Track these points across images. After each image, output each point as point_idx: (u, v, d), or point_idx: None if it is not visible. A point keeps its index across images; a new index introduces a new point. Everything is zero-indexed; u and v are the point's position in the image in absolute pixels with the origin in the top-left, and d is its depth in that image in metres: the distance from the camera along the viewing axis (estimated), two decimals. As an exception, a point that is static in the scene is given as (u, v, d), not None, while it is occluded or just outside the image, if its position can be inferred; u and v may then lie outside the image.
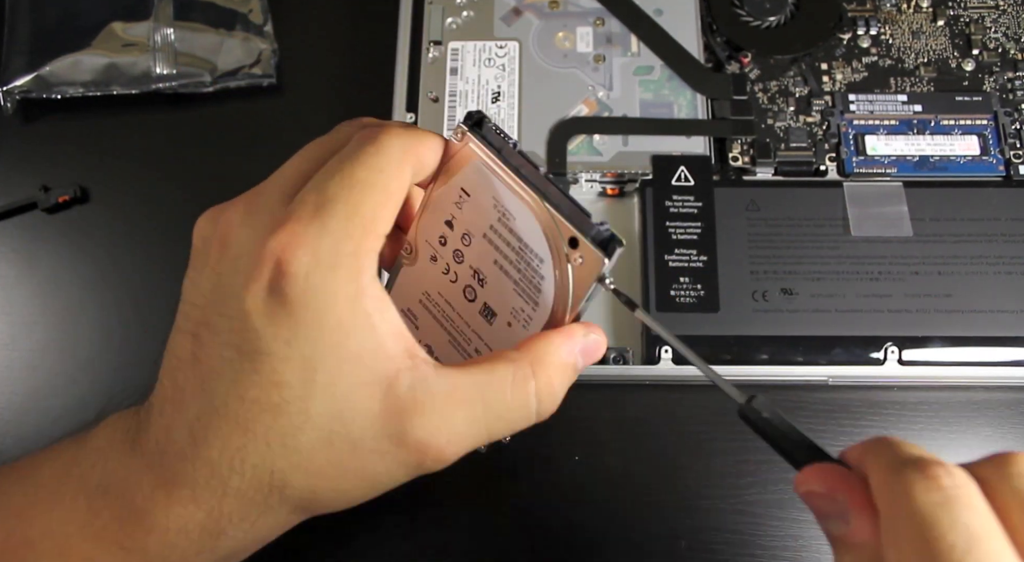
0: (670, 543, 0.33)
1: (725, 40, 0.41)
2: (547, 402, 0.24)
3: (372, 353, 0.22)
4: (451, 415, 0.23)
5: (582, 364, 0.25)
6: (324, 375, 0.22)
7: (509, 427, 0.24)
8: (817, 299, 0.35)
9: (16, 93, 0.41)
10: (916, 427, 0.35)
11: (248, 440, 0.22)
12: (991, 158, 0.38)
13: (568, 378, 0.25)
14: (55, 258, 0.39)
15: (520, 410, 0.24)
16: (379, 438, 0.23)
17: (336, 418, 0.22)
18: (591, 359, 0.25)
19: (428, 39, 0.41)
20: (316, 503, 0.24)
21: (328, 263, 0.22)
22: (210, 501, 0.23)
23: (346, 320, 0.22)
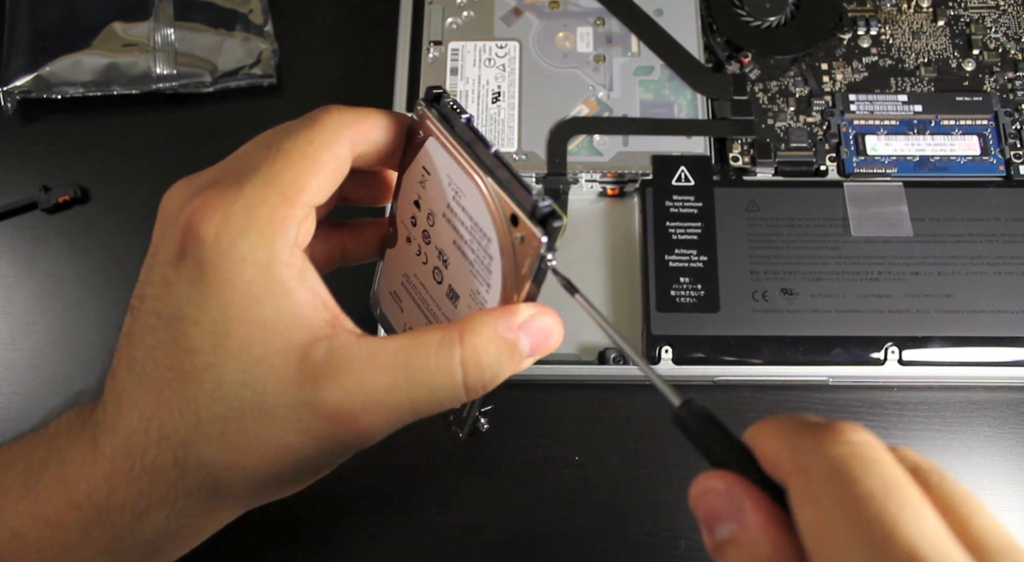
0: (670, 543, 0.33)
1: (725, 40, 0.41)
2: (474, 374, 0.23)
3: (287, 320, 0.22)
4: (368, 380, 0.22)
5: (527, 347, 0.23)
6: (235, 342, 0.22)
7: (434, 397, 0.22)
8: (817, 299, 0.35)
9: (16, 93, 0.41)
10: (916, 427, 0.35)
11: (161, 409, 0.22)
12: (991, 158, 0.38)
13: (503, 354, 0.23)
14: (55, 258, 0.39)
15: (444, 378, 0.22)
16: (292, 406, 0.22)
17: (248, 386, 0.22)
18: (539, 343, 0.23)
19: (428, 39, 0.40)
20: (234, 484, 0.23)
21: (238, 226, 0.22)
22: (128, 476, 0.22)
23: (257, 285, 0.22)
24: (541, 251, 0.22)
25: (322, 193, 0.24)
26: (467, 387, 0.23)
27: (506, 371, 0.23)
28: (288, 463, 0.23)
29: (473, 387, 0.23)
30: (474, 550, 0.33)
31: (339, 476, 0.34)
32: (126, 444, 0.22)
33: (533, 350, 0.23)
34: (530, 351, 0.23)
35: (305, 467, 0.23)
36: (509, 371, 0.23)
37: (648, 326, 0.35)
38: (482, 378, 0.23)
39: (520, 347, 0.23)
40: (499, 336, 0.23)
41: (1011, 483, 0.34)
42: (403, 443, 0.35)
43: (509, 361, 0.23)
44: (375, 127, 0.25)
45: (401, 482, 0.34)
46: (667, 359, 0.34)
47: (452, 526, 0.34)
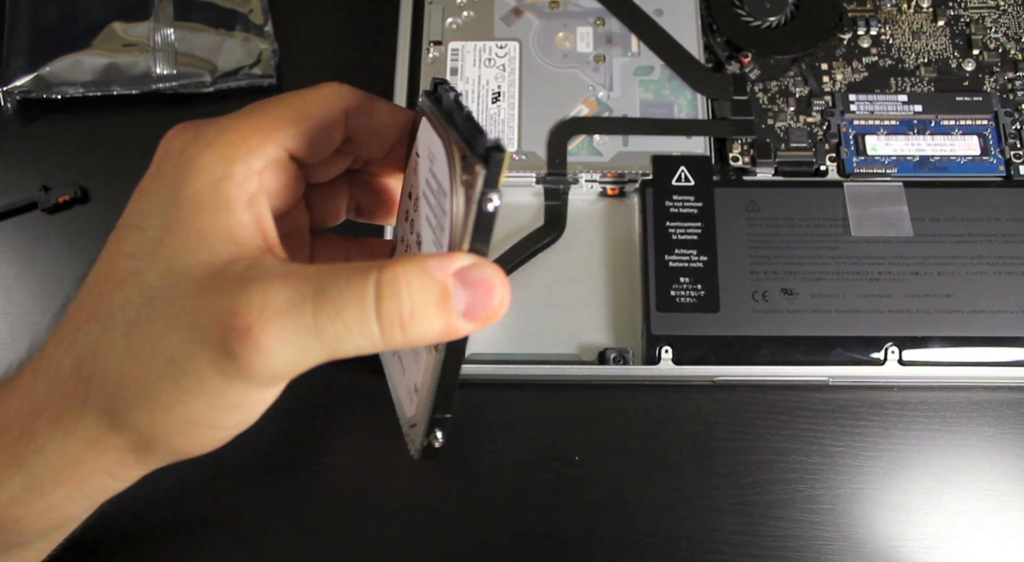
0: (670, 543, 0.33)
1: (725, 40, 0.41)
2: (389, 300, 0.20)
3: (220, 234, 0.21)
4: (274, 291, 0.20)
5: (463, 301, 0.21)
6: (167, 249, 0.21)
7: (340, 317, 0.20)
8: (817, 299, 0.35)
9: (16, 93, 0.41)
10: (916, 427, 0.35)
11: (82, 316, 0.22)
12: (991, 158, 0.38)
13: (429, 294, 0.20)
14: (55, 258, 0.39)
15: (353, 298, 0.20)
16: (192, 312, 0.21)
17: (163, 292, 0.21)
18: (479, 299, 0.21)
19: (428, 39, 0.40)
20: (130, 405, 0.21)
21: (205, 142, 0.22)
22: (33, 389, 0.22)
23: (203, 195, 0.22)
24: (478, 187, 0.20)
25: (303, 142, 0.24)
26: (379, 314, 0.20)
27: (433, 321, 0.21)
28: (185, 383, 0.21)
29: (387, 317, 0.20)
30: (474, 550, 0.33)
31: (336, 474, 0.34)
32: (39, 355, 0.22)
33: (471, 308, 0.21)
34: (467, 307, 0.21)
35: (203, 391, 0.21)
36: (438, 324, 0.21)
37: (648, 326, 0.35)
38: (399, 309, 0.20)
39: (452, 296, 0.21)
40: (426, 271, 0.20)
41: (1011, 483, 0.34)
42: (401, 444, 0.35)
43: (436, 306, 0.21)
44: (377, 109, 0.25)
45: (401, 482, 0.34)
46: (667, 359, 0.34)
47: (452, 526, 0.34)
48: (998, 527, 0.33)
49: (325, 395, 0.36)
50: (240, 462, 0.34)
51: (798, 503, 0.34)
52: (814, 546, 0.33)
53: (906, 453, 0.35)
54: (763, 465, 0.34)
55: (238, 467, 0.34)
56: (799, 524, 0.33)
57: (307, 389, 0.36)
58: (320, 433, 0.35)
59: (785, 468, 0.34)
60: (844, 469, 0.34)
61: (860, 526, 0.33)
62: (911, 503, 0.34)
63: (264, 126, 0.23)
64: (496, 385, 0.36)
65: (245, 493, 0.34)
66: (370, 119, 0.26)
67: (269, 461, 0.35)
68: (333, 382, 0.36)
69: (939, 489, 0.34)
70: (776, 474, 0.34)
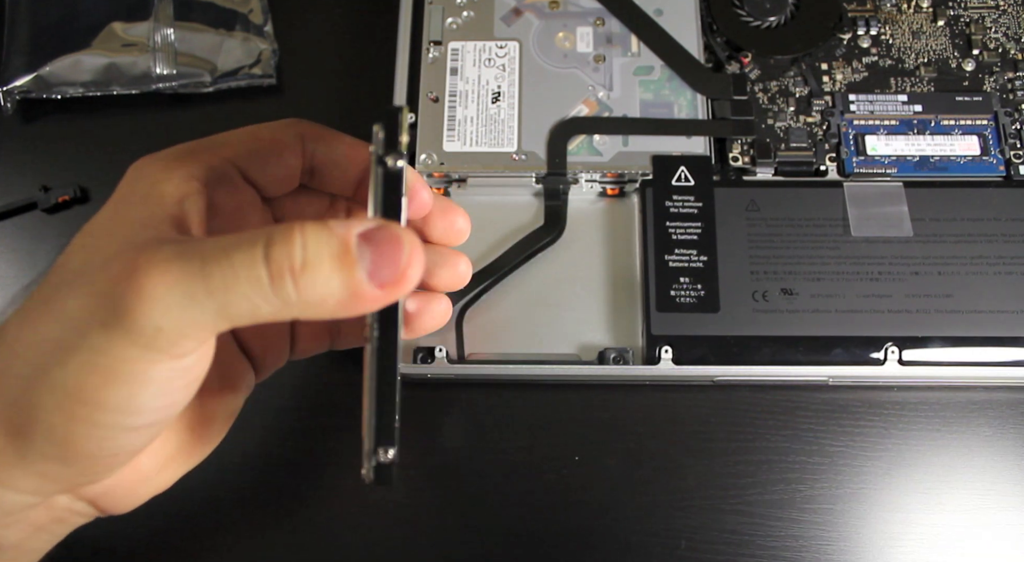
0: (670, 543, 0.33)
1: (725, 40, 0.41)
2: (280, 247, 0.19)
3: (144, 220, 0.23)
4: (169, 245, 0.20)
5: (368, 261, 0.20)
6: (95, 237, 0.23)
7: (228, 262, 0.19)
8: (817, 299, 0.35)
9: (16, 93, 0.41)
10: (916, 427, 0.35)
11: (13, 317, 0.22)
12: (991, 158, 0.38)
13: (327, 247, 0.20)
14: (55, 258, 0.39)
15: (246, 244, 0.19)
16: (95, 280, 0.20)
17: (81, 272, 0.21)
18: (382, 252, 0.20)
19: (428, 39, 0.40)
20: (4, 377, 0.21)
21: (161, 157, 0.24)
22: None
23: (139, 193, 0.24)
24: (379, 147, 0.20)
25: (252, 160, 0.26)
26: (267, 258, 0.19)
27: (330, 276, 0.20)
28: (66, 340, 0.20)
29: (276, 262, 0.19)
30: (474, 550, 0.33)
31: (335, 474, 0.34)
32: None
33: (375, 267, 0.20)
34: (371, 266, 0.20)
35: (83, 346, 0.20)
36: (336, 280, 0.20)
37: (648, 326, 0.35)
38: (289, 255, 0.19)
39: (354, 252, 0.20)
40: (325, 225, 0.20)
41: (1011, 483, 0.34)
42: (402, 445, 0.35)
43: (333, 259, 0.20)
44: (337, 141, 0.27)
45: (399, 482, 0.34)
46: (667, 359, 0.34)
47: (452, 526, 0.34)
48: (998, 527, 0.33)
49: (324, 395, 0.36)
50: (237, 462, 0.34)
51: (798, 503, 0.34)
52: (814, 546, 0.33)
53: (906, 453, 0.35)
54: (763, 465, 0.34)
55: (237, 466, 0.34)
56: (799, 524, 0.33)
57: (307, 389, 0.36)
58: (319, 433, 0.35)
59: (785, 468, 0.34)
60: (844, 469, 0.34)
61: (860, 526, 0.33)
62: (911, 503, 0.34)
63: (213, 145, 0.25)
64: (496, 385, 0.36)
65: (243, 493, 0.34)
66: (330, 150, 0.27)
67: (267, 461, 0.35)
68: (332, 382, 0.36)
69: (939, 489, 0.34)
70: (776, 474, 0.34)
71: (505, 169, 0.38)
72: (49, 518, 0.24)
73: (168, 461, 0.26)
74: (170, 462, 0.26)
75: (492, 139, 0.38)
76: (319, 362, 0.29)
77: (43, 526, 0.24)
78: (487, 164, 0.38)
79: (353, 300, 0.20)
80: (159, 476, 0.26)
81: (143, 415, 0.21)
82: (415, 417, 0.35)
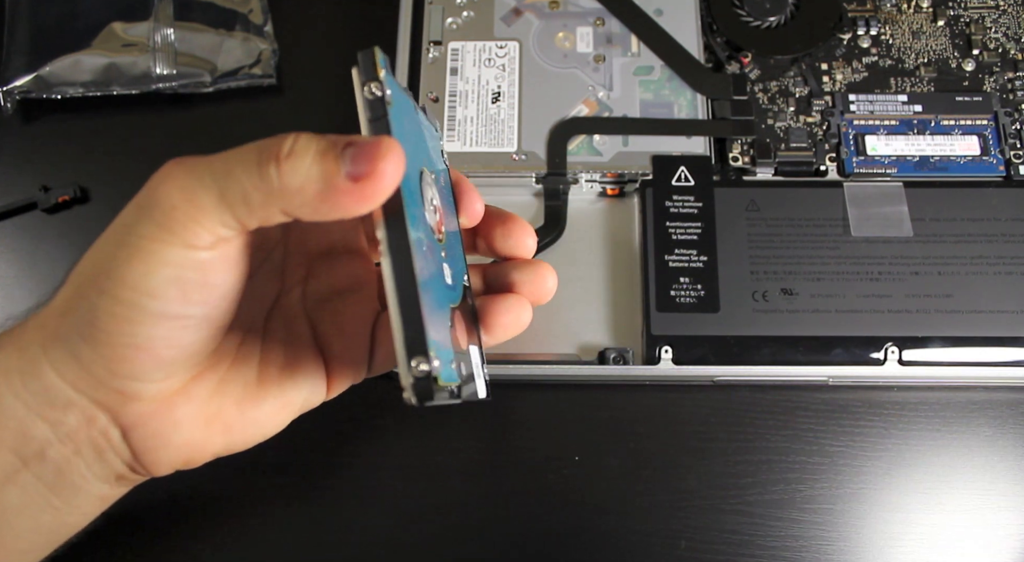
0: (670, 543, 0.33)
1: (725, 40, 0.41)
2: (273, 141, 0.22)
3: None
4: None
5: (348, 159, 0.21)
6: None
7: (232, 154, 0.22)
8: (817, 299, 0.35)
9: (16, 93, 0.41)
10: (916, 427, 0.35)
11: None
12: (991, 158, 0.38)
13: (313, 142, 0.22)
14: (55, 258, 0.39)
15: (248, 145, 0.22)
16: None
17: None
18: (361, 150, 0.21)
19: (428, 39, 0.40)
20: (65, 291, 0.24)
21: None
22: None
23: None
24: (359, 83, 0.22)
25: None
26: (261, 149, 0.22)
27: (311, 164, 0.22)
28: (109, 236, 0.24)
29: (268, 151, 0.22)
30: (473, 550, 0.33)
31: (333, 474, 0.34)
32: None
33: (354, 163, 0.21)
34: (351, 165, 0.21)
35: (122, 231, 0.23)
36: (316, 168, 0.22)
37: (648, 326, 0.35)
38: (279, 146, 0.22)
39: (336, 152, 0.22)
40: (314, 134, 0.22)
41: (1011, 483, 0.34)
42: (404, 444, 0.35)
43: (317, 153, 0.22)
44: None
45: (399, 482, 0.34)
46: (667, 359, 0.34)
47: (452, 526, 0.34)
48: (998, 527, 0.33)
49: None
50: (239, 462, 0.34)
51: (798, 503, 0.34)
52: (814, 546, 0.33)
53: (906, 453, 0.35)
54: (763, 465, 0.34)
55: (239, 467, 0.34)
56: (799, 524, 0.33)
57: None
58: (316, 434, 0.35)
59: (785, 468, 0.34)
60: (844, 469, 0.34)
61: (860, 526, 0.33)
62: (911, 503, 0.34)
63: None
64: (496, 385, 0.36)
65: (251, 493, 0.34)
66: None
67: (272, 461, 0.35)
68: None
69: (939, 489, 0.34)
70: (776, 474, 0.34)
71: (505, 169, 0.38)
72: (88, 439, 0.25)
73: (206, 420, 0.26)
74: (209, 422, 0.26)
75: (492, 139, 0.38)
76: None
77: (81, 449, 0.25)
78: (487, 164, 0.38)
79: (330, 191, 0.22)
80: (193, 431, 0.26)
81: (158, 300, 0.23)
82: (415, 417, 0.35)
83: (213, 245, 0.23)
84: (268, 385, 0.27)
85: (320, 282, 0.29)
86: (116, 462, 0.25)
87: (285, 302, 0.29)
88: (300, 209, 0.22)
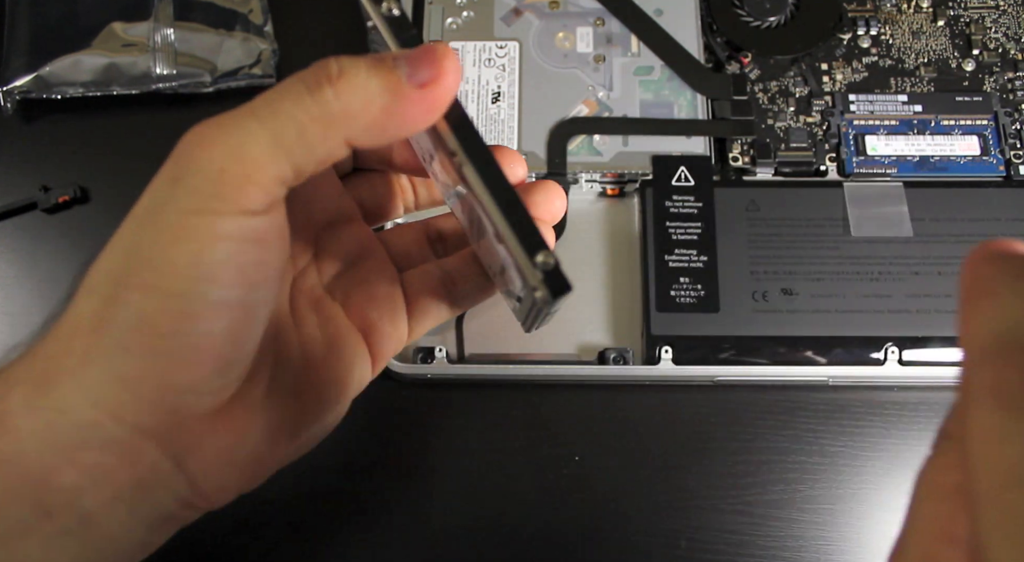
0: (670, 543, 0.33)
1: (725, 40, 0.41)
2: (315, 67, 0.20)
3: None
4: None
5: (403, 64, 0.20)
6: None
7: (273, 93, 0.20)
8: (817, 299, 0.35)
9: (16, 93, 0.41)
10: (916, 427, 0.35)
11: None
12: (991, 158, 0.38)
13: (360, 60, 0.20)
14: (55, 258, 0.39)
15: (285, 82, 0.21)
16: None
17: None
18: (418, 56, 0.20)
19: (428, 39, 0.40)
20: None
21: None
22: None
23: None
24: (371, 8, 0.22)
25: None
26: (305, 78, 0.20)
27: (367, 77, 0.20)
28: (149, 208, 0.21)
29: (315, 77, 0.20)
30: (473, 550, 0.33)
31: (333, 474, 0.34)
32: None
33: (413, 68, 0.20)
34: (409, 69, 0.20)
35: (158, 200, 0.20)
36: (375, 81, 0.20)
37: (648, 326, 0.35)
38: (326, 69, 0.20)
39: (388, 60, 0.20)
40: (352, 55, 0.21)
41: (1011, 483, 0.34)
42: (404, 444, 0.35)
43: (369, 67, 0.20)
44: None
45: (399, 481, 0.34)
46: (667, 359, 0.34)
47: (451, 526, 0.34)
48: (998, 527, 0.33)
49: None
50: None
51: (798, 503, 0.34)
52: (814, 546, 0.33)
53: (906, 453, 0.35)
54: (763, 465, 0.34)
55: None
56: (799, 524, 0.33)
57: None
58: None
59: (785, 468, 0.34)
60: (844, 469, 0.34)
61: (860, 526, 0.33)
62: (911, 503, 0.34)
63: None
64: (496, 385, 0.36)
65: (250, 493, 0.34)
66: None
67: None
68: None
69: (939, 489, 0.34)
70: (776, 474, 0.34)
71: None
72: (131, 479, 0.21)
73: (268, 426, 0.23)
74: (272, 428, 0.23)
75: (492, 139, 0.38)
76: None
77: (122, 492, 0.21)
78: (487, 164, 0.38)
79: (397, 101, 0.20)
80: (259, 443, 0.23)
81: (218, 285, 0.20)
82: (415, 417, 0.35)
83: (268, 208, 0.20)
84: (318, 370, 0.25)
85: (331, 257, 0.28)
86: (167, 500, 0.22)
87: (304, 285, 0.27)
88: (366, 132, 0.20)
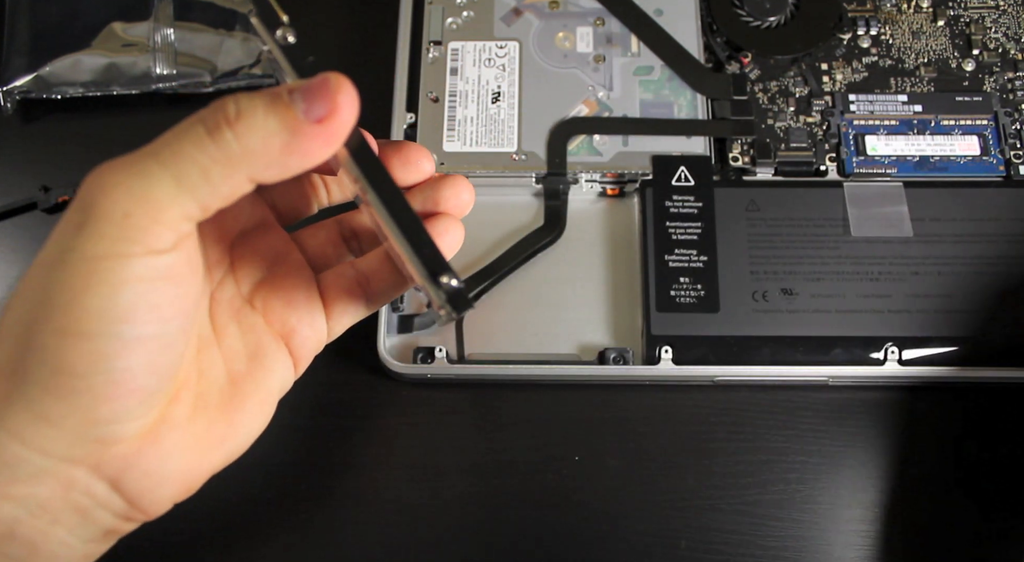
0: (670, 543, 0.33)
1: (725, 40, 0.41)
2: (212, 109, 0.21)
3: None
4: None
5: (300, 101, 0.21)
6: None
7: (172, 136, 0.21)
8: (817, 299, 0.35)
9: (16, 93, 0.41)
10: (916, 427, 0.35)
11: None
12: (991, 158, 0.38)
13: (256, 98, 0.21)
14: (55, 258, 0.39)
15: (183, 123, 0.21)
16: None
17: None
18: (312, 90, 0.21)
19: (428, 39, 0.40)
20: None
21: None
22: None
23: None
24: (267, 35, 0.22)
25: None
26: (204, 120, 0.21)
27: (266, 117, 0.21)
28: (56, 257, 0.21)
29: (212, 120, 0.21)
30: (473, 550, 0.33)
31: (333, 474, 0.34)
32: None
33: (308, 104, 0.21)
34: (305, 105, 0.21)
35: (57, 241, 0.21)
36: (273, 120, 0.21)
37: (648, 326, 0.35)
38: (224, 111, 0.21)
39: (284, 96, 0.21)
40: (247, 92, 0.22)
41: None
42: (404, 443, 0.35)
43: (266, 105, 0.21)
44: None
45: (399, 481, 0.34)
46: (667, 359, 0.34)
47: (452, 526, 0.34)
48: (998, 527, 0.33)
49: (324, 395, 0.36)
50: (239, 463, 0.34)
51: (798, 503, 0.34)
52: (814, 546, 0.33)
53: (906, 453, 0.35)
54: (763, 465, 0.34)
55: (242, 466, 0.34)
56: (799, 524, 0.33)
57: (307, 390, 0.36)
58: (316, 434, 0.35)
59: (785, 468, 0.34)
60: (844, 469, 0.34)
61: (860, 526, 0.33)
62: (911, 503, 0.34)
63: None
64: (496, 385, 0.36)
65: (249, 494, 0.34)
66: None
67: (272, 462, 0.35)
68: (331, 382, 0.36)
69: (939, 489, 0.34)
70: (776, 474, 0.34)
71: (505, 169, 0.38)
72: (67, 505, 0.22)
73: (195, 440, 0.24)
74: (199, 442, 0.24)
75: (492, 139, 0.38)
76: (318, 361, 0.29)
77: (59, 517, 0.22)
78: (487, 164, 0.38)
79: (296, 138, 0.21)
80: (186, 457, 0.24)
81: (129, 323, 0.21)
82: (415, 417, 0.35)
83: (176, 244, 0.21)
84: (242, 382, 0.26)
85: (247, 265, 0.28)
86: (105, 518, 0.23)
87: (222, 297, 0.27)
88: (268, 169, 0.21)
